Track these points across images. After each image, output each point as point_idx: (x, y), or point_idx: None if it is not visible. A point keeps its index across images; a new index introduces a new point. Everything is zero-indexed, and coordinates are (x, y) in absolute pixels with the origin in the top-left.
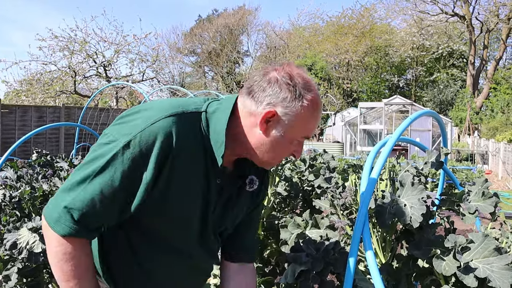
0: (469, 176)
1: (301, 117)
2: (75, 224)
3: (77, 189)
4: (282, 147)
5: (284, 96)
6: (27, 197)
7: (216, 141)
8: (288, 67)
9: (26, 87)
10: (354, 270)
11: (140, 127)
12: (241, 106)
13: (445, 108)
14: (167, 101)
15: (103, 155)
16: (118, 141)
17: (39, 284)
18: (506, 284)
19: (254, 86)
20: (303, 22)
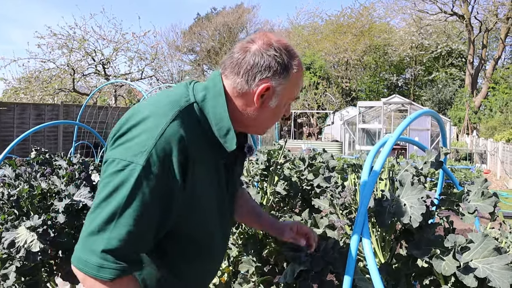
0: (468, 175)
1: (291, 84)
2: (120, 263)
3: (108, 228)
4: (276, 114)
5: (274, 69)
6: (25, 196)
7: (221, 128)
8: (265, 37)
9: (24, 84)
10: (353, 269)
11: (151, 142)
12: (230, 86)
13: (443, 108)
14: (156, 101)
15: (123, 183)
16: (133, 163)
17: (37, 283)
18: (506, 284)
19: (240, 63)
20: (302, 21)
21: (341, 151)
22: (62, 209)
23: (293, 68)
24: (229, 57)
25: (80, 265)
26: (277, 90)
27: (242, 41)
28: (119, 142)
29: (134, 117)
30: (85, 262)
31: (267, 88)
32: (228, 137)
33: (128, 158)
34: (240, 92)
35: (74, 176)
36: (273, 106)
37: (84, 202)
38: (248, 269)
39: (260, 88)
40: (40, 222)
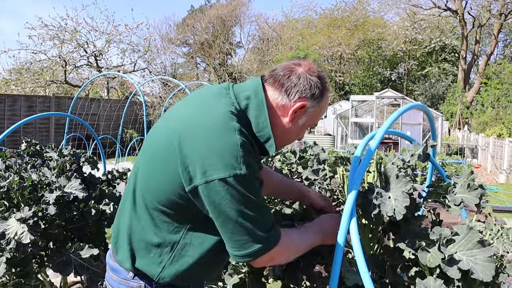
0: (459, 169)
1: (319, 109)
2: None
3: (260, 220)
4: (300, 132)
5: (313, 92)
6: (15, 187)
7: (262, 136)
8: (310, 65)
9: (15, 76)
10: (341, 261)
11: (239, 150)
12: (271, 98)
13: (436, 102)
14: (212, 113)
15: (246, 191)
16: (239, 173)
17: (28, 274)
18: (488, 276)
19: (284, 80)
20: (296, 14)
21: (334, 144)
22: (53, 200)
23: (326, 96)
24: (274, 73)
25: (259, 252)
26: (309, 111)
27: (287, 62)
28: (208, 162)
29: (205, 136)
30: (261, 249)
31: (303, 106)
32: (268, 144)
33: (232, 173)
34: (278, 104)
35: (65, 167)
36: (300, 124)
37: (75, 194)
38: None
39: (297, 104)
40: (31, 214)
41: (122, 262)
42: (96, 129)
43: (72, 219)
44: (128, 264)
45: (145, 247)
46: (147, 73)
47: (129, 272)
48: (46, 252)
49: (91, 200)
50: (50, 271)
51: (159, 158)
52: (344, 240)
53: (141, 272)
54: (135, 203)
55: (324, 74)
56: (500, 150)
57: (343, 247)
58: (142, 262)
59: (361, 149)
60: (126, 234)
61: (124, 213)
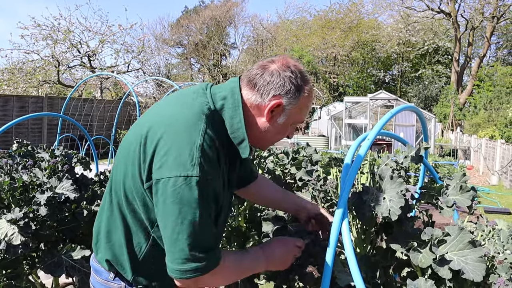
0: (451, 171)
1: (300, 106)
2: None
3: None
4: (281, 132)
5: (287, 89)
6: (6, 188)
7: (236, 137)
8: (284, 60)
9: (7, 76)
10: (333, 262)
11: (197, 152)
12: (245, 98)
13: (429, 104)
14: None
15: (189, 197)
16: (189, 177)
17: (19, 275)
18: (479, 276)
19: (256, 79)
20: (291, 16)
21: (328, 146)
22: (44, 201)
23: (305, 92)
24: (248, 73)
25: (183, 275)
26: (287, 109)
27: (262, 60)
28: (163, 159)
29: (170, 130)
30: (184, 271)
31: (278, 105)
32: (242, 146)
33: (183, 173)
34: (253, 104)
35: (57, 168)
36: (280, 123)
37: (67, 195)
38: None
39: (272, 103)
40: (21, 215)
41: (101, 262)
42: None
43: (63, 220)
44: (106, 265)
45: (119, 246)
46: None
47: (110, 273)
48: (37, 253)
49: (83, 201)
50: (42, 272)
51: (128, 156)
52: (335, 241)
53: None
54: (112, 203)
55: (301, 68)
56: (492, 152)
57: (334, 249)
58: (119, 263)
59: (354, 150)
60: (104, 233)
61: (102, 213)
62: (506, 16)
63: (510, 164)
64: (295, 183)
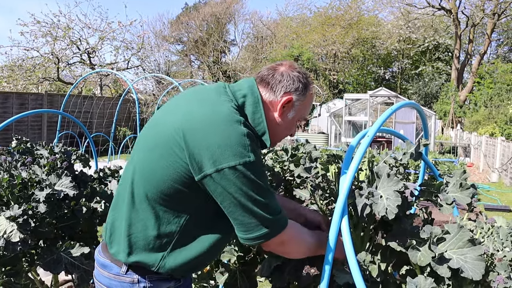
0: (451, 168)
1: (306, 102)
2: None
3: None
4: (289, 127)
5: (296, 86)
6: (5, 185)
7: (259, 131)
8: (291, 63)
9: (7, 73)
10: (332, 260)
11: (245, 139)
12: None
13: (429, 101)
14: (215, 109)
15: (254, 176)
16: (248, 160)
17: (18, 272)
18: (478, 274)
19: (269, 79)
20: (291, 13)
21: (327, 143)
22: (43, 198)
23: (310, 89)
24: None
25: (274, 231)
26: (295, 105)
27: (270, 64)
28: (219, 152)
29: (210, 126)
30: (270, 231)
31: (289, 100)
32: (264, 138)
33: (242, 161)
34: (267, 100)
35: (56, 165)
36: (290, 118)
37: (66, 192)
38: (230, 258)
39: (284, 98)
40: (20, 212)
41: (116, 255)
42: (89, 126)
43: (63, 217)
44: (123, 257)
45: (143, 238)
46: (140, 70)
47: (122, 266)
48: (36, 251)
49: (82, 198)
50: (41, 269)
51: (160, 151)
52: (335, 239)
53: (136, 265)
54: (134, 196)
55: (305, 71)
56: (493, 149)
57: (334, 246)
58: (140, 254)
59: (354, 147)
60: (125, 227)
61: (120, 207)
62: (507, 13)
63: (510, 161)
64: (294, 180)
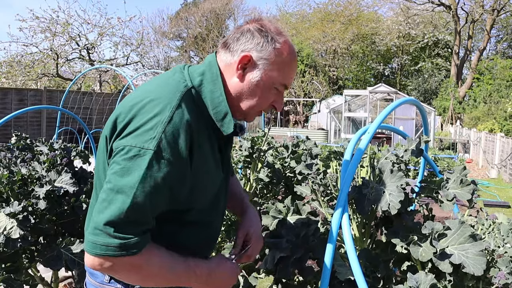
0: (451, 164)
1: (276, 61)
2: (129, 235)
3: (119, 201)
4: (260, 93)
5: (257, 42)
6: (5, 181)
7: (218, 112)
8: (259, 20)
9: (6, 69)
10: (332, 256)
11: (160, 128)
12: (220, 62)
13: (429, 97)
14: (156, 88)
15: (135, 168)
16: (143, 149)
17: (18, 269)
18: (479, 270)
19: (228, 39)
20: (290, 8)
21: (327, 139)
22: (43, 195)
23: (277, 44)
24: (225, 37)
25: (98, 251)
26: (258, 64)
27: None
28: (127, 131)
29: (138, 104)
30: (104, 247)
31: (248, 60)
32: (225, 121)
33: (139, 145)
34: (226, 65)
35: (56, 162)
36: (255, 81)
37: (66, 188)
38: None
39: (240, 57)
40: (20, 209)
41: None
42: (89, 122)
43: (62, 214)
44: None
45: None
46: (140, 66)
47: (105, 275)
48: (36, 247)
49: (82, 195)
50: (41, 266)
51: (100, 144)
52: (335, 235)
53: None
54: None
55: (277, 25)
56: (492, 145)
57: (334, 243)
58: None
59: (354, 143)
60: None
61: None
62: (506, 9)
63: (510, 157)
64: (294, 176)
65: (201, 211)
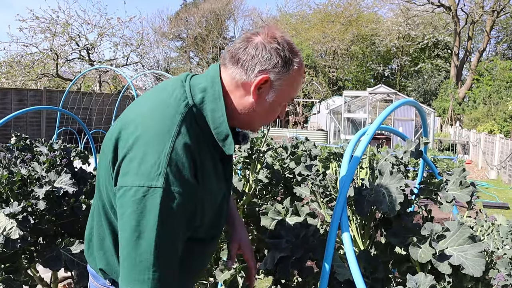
0: (450, 165)
1: (290, 81)
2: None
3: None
4: (272, 111)
5: (274, 62)
6: (4, 182)
7: (219, 133)
8: (270, 31)
9: (5, 69)
10: (331, 257)
11: (164, 160)
12: (228, 78)
13: (429, 98)
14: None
15: (150, 210)
16: (152, 188)
17: (17, 269)
18: (478, 271)
19: (240, 54)
20: (290, 9)
21: (327, 140)
22: (43, 195)
23: (294, 65)
24: (231, 48)
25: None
26: (275, 85)
27: (246, 32)
28: (130, 166)
29: (136, 130)
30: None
31: (265, 81)
32: (227, 142)
33: (146, 184)
34: (238, 82)
35: (55, 162)
36: (269, 101)
37: (65, 189)
38: None
39: (258, 79)
40: (20, 209)
41: (96, 270)
42: (88, 123)
43: (62, 214)
44: (101, 273)
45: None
46: (139, 67)
47: (106, 278)
48: (36, 248)
49: (82, 195)
50: (40, 266)
51: (102, 156)
52: (334, 236)
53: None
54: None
55: (288, 39)
56: (491, 146)
57: (333, 244)
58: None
59: (353, 144)
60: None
61: (92, 220)
62: (506, 10)
63: (509, 158)
64: (294, 177)
65: (205, 227)
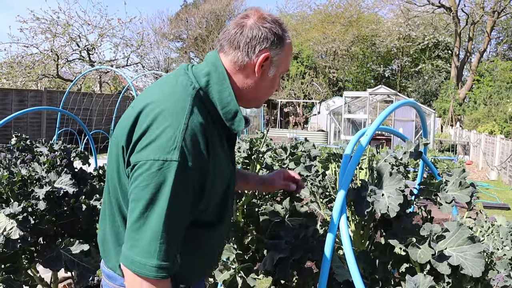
0: (450, 166)
1: (285, 54)
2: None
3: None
4: (272, 86)
5: (271, 40)
6: (5, 182)
7: (228, 112)
8: (258, 12)
9: (6, 70)
10: (331, 257)
11: (179, 136)
12: (229, 63)
13: (429, 99)
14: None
15: (164, 182)
16: (168, 161)
17: (17, 269)
18: (478, 272)
19: (238, 39)
20: (291, 10)
21: (327, 140)
22: (43, 196)
23: (286, 39)
24: (226, 34)
25: (136, 268)
26: (274, 60)
27: (235, 18)
28: (144, 143)
29: (150, 113)
30: (143, 265)
31: (267, 58)
32: (236, 120)
33: (162, 157)
34: (241, 65)
35: (56, 163)
36: (271, 76)
37: (65, 189)
38: (228, 256)
39: (260, 58)
40: (20, 209)
41: (115, 270)
42: (89, 123)
43: (62, 215)
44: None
45: None
46: (140, 67)
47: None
48: (36, 248)
49: (82, 196)
50: (40, 266)
51: (111, 150)
52: (333, 237)
53: None
54: (111, 204)
55: (276, 17)
56: (492, 147)
57: (332, 244)
58: None
59: (352, 145)
60: (112, 238)
61: (105, 218)
62: (506, 11)
63: (510, 159)
64: None
65: (214, 206)
